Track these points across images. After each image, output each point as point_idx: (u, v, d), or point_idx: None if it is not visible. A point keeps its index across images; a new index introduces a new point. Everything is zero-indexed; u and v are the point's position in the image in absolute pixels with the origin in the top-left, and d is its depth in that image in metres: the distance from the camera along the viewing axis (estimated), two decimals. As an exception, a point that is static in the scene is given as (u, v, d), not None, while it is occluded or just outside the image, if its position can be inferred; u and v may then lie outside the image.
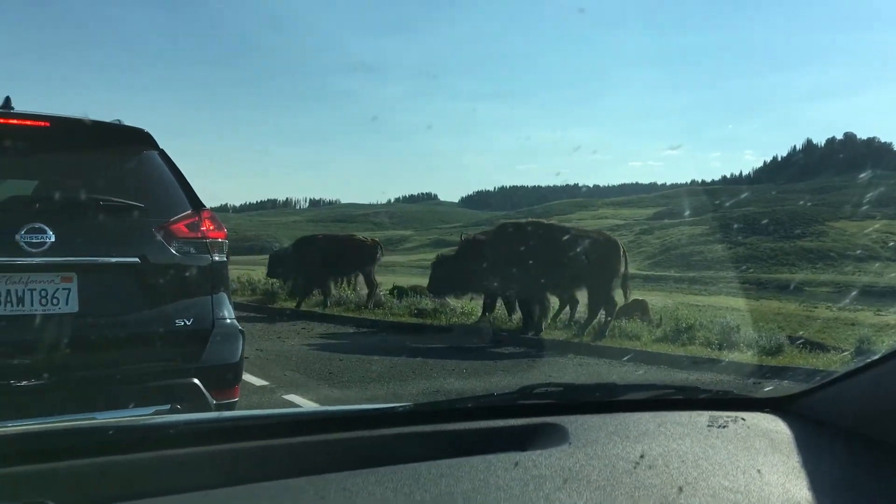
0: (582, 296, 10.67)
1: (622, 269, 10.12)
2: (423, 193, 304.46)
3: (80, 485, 1.05)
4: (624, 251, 10.30)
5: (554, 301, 11.07)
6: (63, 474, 1.06)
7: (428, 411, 1.38)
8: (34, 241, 3.25)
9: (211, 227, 3.79)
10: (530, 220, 11.82)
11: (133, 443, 1.14)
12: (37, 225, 3.27)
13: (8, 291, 3.23)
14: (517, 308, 11.07)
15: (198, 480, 1.09)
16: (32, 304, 3.27)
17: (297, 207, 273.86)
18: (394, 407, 1.35)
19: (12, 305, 3.23)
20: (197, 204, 3.81)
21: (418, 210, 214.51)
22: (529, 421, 1.37)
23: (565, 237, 10.30)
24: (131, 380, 3.46)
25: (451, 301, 12.65)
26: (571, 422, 1.37)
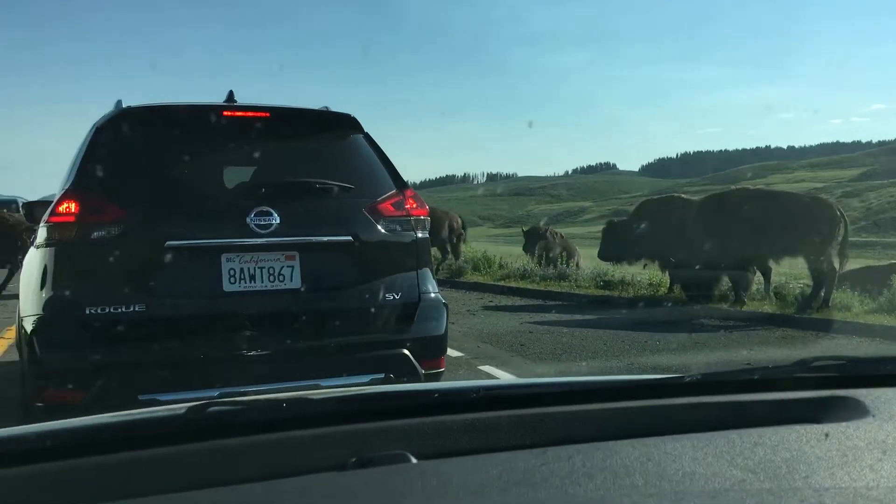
0: (787, 265, 10.04)
1: (840, 235, 9.35)
2: (601, 163, 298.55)
3: (417, 440, 1.17)
4: (842, 214, 9.50)
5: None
6: (411, 430, 1.18)
7: (712, 382, 1.39)
8: (262, 223, 3.55)
9: (414, 206, 3.95)
10: (738, 186, 11.24)
11: (451, 405, 1.25)
12: (264, 208, 3.57)
13: (241, 270, 3.55)
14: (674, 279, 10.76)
15: (497, 442, 1.17)
16: (262, 281, 3.58)
17: (475, 182, 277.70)
18: (681, 377, 1.38)
19: (245, 282, 3.56)
20: (401, 183, 3.99)
21: (596, 180, 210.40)
22: (817, 394, 1.36)
23: (776, 202, 9.73)
24: (348, 350, 3.71)
25: (623, 267, 12.46)
26: (865, 395, 1.34)
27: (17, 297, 12.77)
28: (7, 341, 7.93)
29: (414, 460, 1.09)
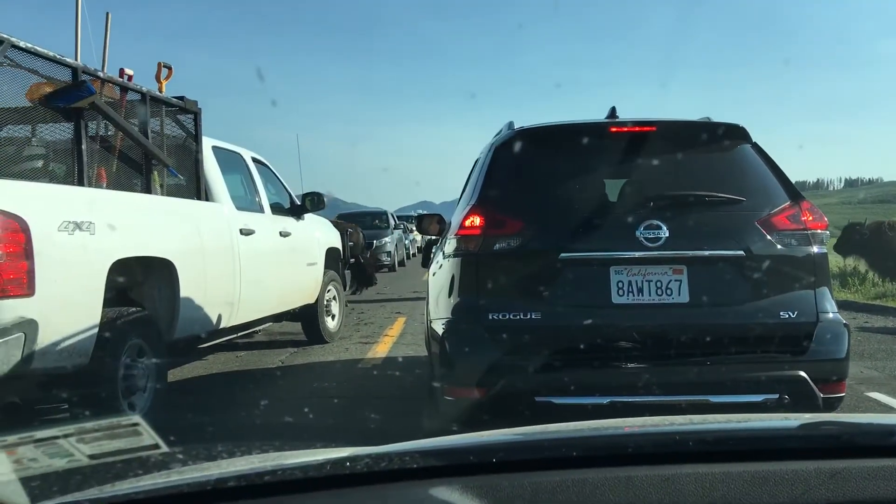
0: None
1: None
2: None
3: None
4: None
5: None
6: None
7: None
8: (651, 236, 3.57)
9: (811, 218, 3.70)
10: None
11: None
12: (653, 221, 3.58)
13: (629, 282, 3.61)
14: None
15: None
16: (650, 294, 3.60)
17: (830, 189, 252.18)
18: None
19: (633, 295, 3.60)
20: (795, 195, 3.76)
21: None
22: None
23: None
24: (739, 368, 3.57)
25: None
26: None
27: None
28: (391, 339, 8.98)
29: None
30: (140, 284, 5.00)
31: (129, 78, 5.18)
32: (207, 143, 6.32)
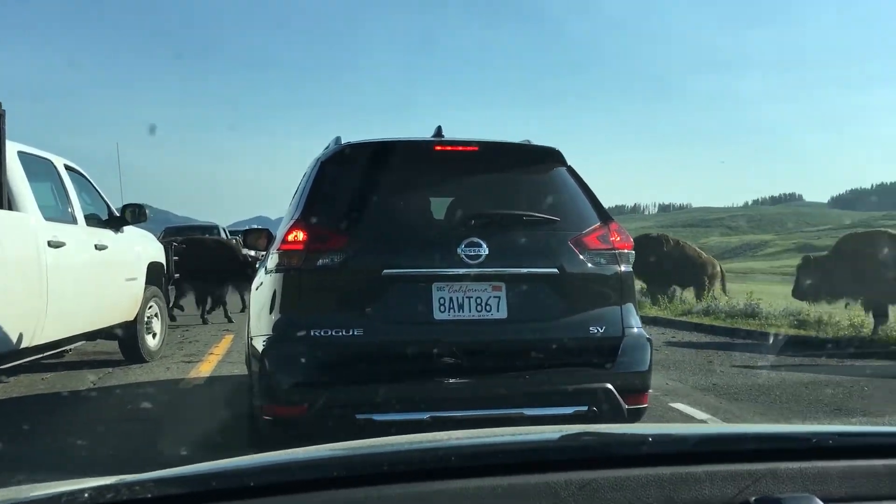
0: None
1: None
2: (785, 194, 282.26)
3: (813, 483, 1.16)
4: None
5: None
6: (798, 473, 1.17)
7: None
8: (472, 254, 3.66)
9: (618, 239, 3.93)
10: None
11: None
12: (474, 239, 3.68)
13: (451, 298, 3.67)
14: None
15: (879, 490, 1.15)
16: (470, 311, 3.68)
17: (646, 213, 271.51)
18: None
19: (454, 311, 3.67)
20: (605, 216, 3.99)
21: (780, 212, 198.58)
22: None
23: None
24: (552, 381, 3.73)
25: (820, 307, 11.59)
26: None
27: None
28: (216, 357, 8.64)
29: None
30: (-76, 300, 4.50)
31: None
32: (13, 148, 5.83)
